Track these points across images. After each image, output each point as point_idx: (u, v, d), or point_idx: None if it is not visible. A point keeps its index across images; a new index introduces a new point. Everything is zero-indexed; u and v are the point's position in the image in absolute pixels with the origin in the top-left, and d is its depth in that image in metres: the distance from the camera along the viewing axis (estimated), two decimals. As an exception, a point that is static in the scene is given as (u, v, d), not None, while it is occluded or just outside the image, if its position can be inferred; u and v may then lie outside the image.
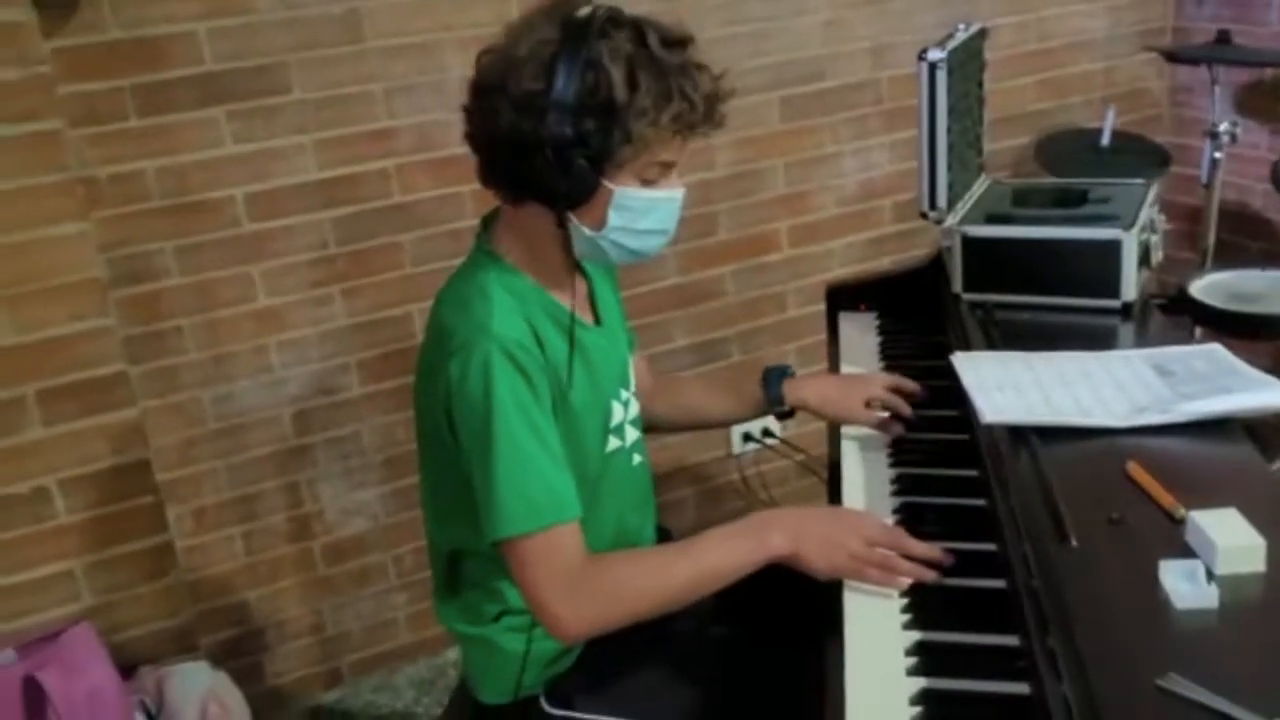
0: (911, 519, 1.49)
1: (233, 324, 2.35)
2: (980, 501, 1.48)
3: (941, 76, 1.72)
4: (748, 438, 2.89)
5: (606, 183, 1.37)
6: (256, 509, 2.47)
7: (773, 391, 1.76)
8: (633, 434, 1.62)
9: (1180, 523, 1.19)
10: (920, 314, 2.06)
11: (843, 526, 1.40)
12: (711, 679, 1.56)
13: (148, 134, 2.19)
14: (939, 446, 1.65)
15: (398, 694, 2.61)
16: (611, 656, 1.55)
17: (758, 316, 2.92)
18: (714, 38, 2.62)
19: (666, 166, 1.42)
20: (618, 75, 1.33)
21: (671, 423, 1.84)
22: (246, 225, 2.32)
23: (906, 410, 1.71)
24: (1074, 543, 1.17)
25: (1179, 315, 1.91)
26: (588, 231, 1.41)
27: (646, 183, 1.41)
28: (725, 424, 1.98)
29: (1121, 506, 1.24)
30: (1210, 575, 1.11)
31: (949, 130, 1.77)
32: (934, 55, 1.72)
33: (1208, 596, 1.07)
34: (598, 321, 1.58)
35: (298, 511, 2.50)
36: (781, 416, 1.78)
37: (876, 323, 2.13)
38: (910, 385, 1.74)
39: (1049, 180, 2.62)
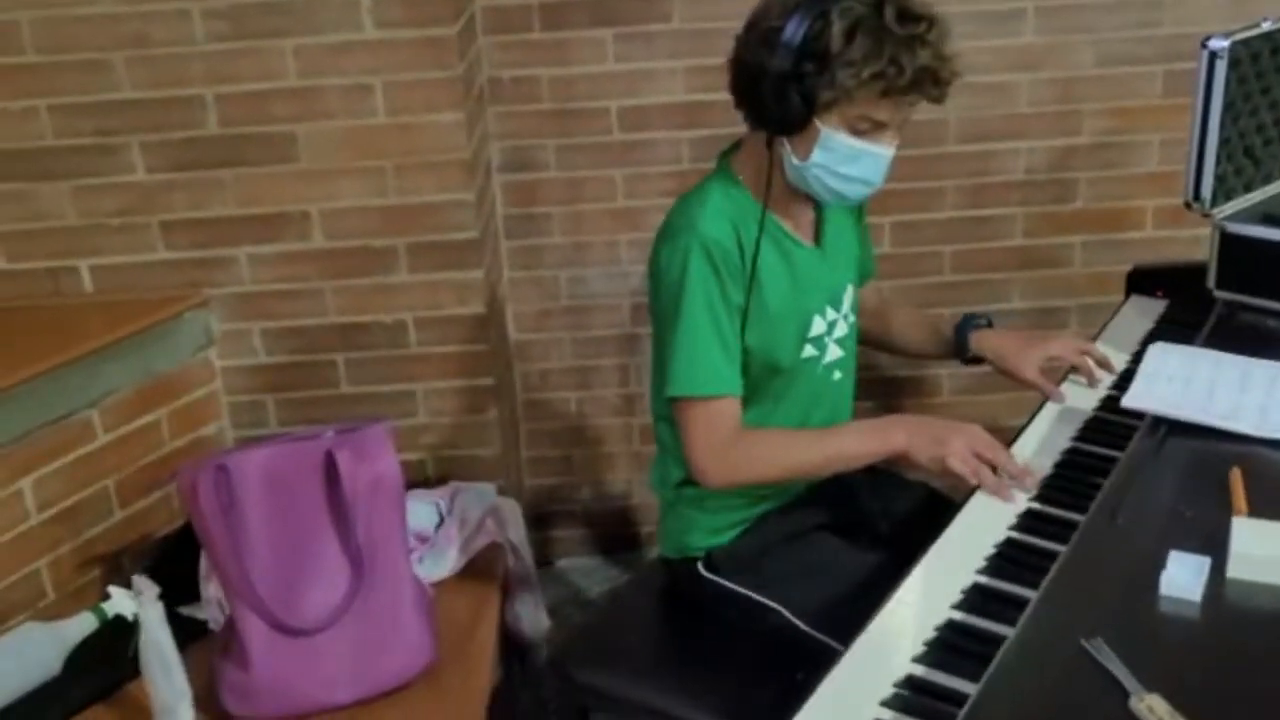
0: (1051, 486, 1.56)
1: (593, 218, 2.71)
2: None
3: (1221, 67, 1.70)
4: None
5: (817, 122, 1.57)
6: (591, 380, 2.85)
7: (960, 337, 1.92)
8: (835, 351, 1.80)
9: (1235, 527, 1.21)
10: (1207, 307, 2.01)
11: (952, 431, 1.57)
12: (851, 591, 1.72)
13: (546, 46, 2.58)
14: (1126, 430, 1.67)
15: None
16: (766, 544, 1.77)
17: (1105, 292, 2.85)
18: (1100, 3, 2.61)
19: (878, 125, 1.58)
20: (838, 28, 1.51)
21: (877, 343, 2.07)
22: (616, 134, 2.65)
23: (1094, 373, 1.78)
24: (1119, 522, 1.23)
25: None
26: (795, 160, 1.61)
27: (857, 133, 1.57)
28: (919, 357, 2.17)
29: (1199, 505, 1.27)
30: (1220, 576, 1.14)
31: (1226, 123, 1.73)
32: (1216, 44, 1.70)
33: (1192, 590, 1.11)
34: (817, 244, 1.77)
35: (625, 390, 2.85)
36: (967, 362, 1.94)
37: (1161, 310, 2.10)
38: (1099, 354, 1.78)
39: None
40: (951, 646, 1.25)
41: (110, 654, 1.93)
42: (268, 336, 2.37)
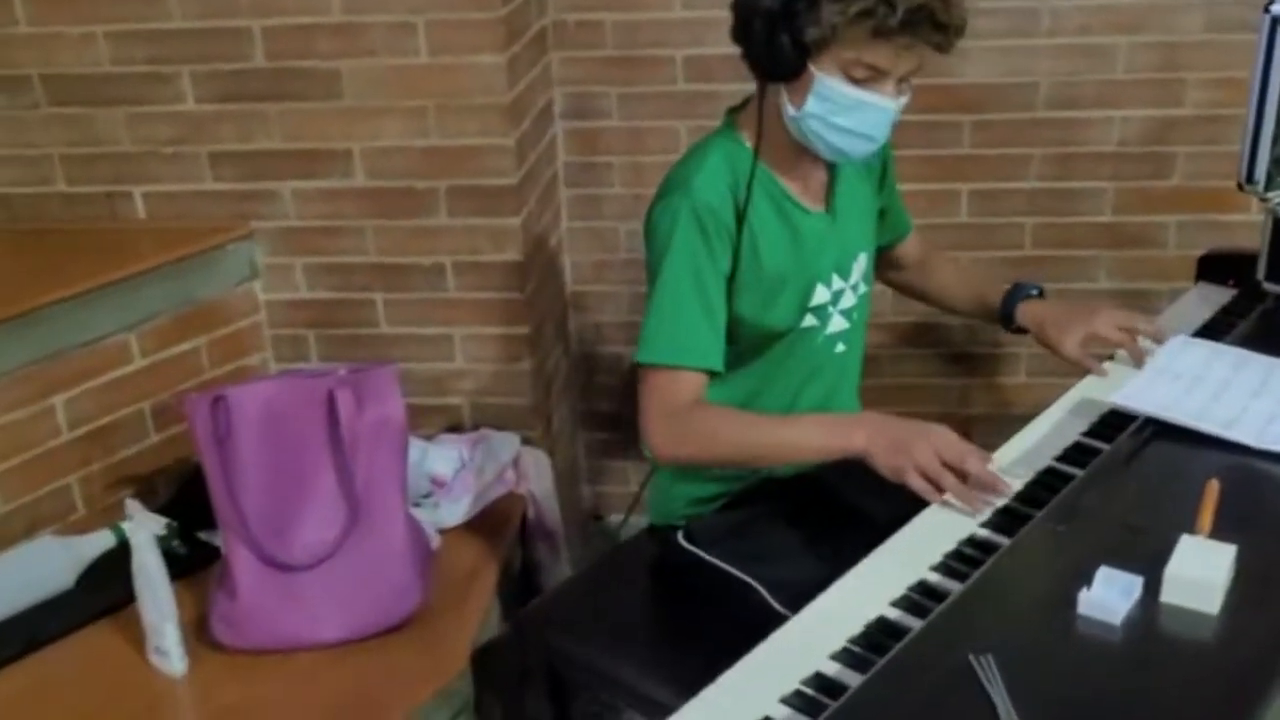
0: (1039, 484, 1.44)
1: (654, 170, 2.58)
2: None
3: (1284, 34, 1.53)
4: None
5: (811, 67, 1.47)
6: (646, 336, 2.78)
7: (1007, 306, 1.81)
8: (839, 322, 1.71)
9: (1187, 545, 1.09)
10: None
11: (917, 436, 1.43)
12: (833, 576, 1.63)
13: (613, -11, 2.51)
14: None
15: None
16: (749, 518, 1.71)
17: (1200, 276, 2.67)
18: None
19: (876, 72, 1.47)
20: None
21: (919, 295, 1.98)
22: (681, 84, 2.57)
23: (1135, 350, 1.66)
24: (1061, 528, 1.13)
25: None
26: (790, 110, 1.52)
27: (855, 81, 1.47)
28: (966, 316, 2.02)
29: (1159, 518, 1.15)
30: (1153, 598, 1.03)
31: (1288, 96, 1.56)
32: (1279, 8, 1.53)
33: (1113, 611, 1.00)
34: (827, 209, 1.68)
35: (680, 347, 2.78)
36: (1012, 331, 1.83)
37: (1226, 301, 1.93)
38: (1145, 326, 1.65)
39: None
40: (874, 646, 1.16)
41: (123, 572, 1.97)
42: (310, 272, 2.38)
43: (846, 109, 1.49)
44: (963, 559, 1.29)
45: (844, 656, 1.15)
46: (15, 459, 2.06)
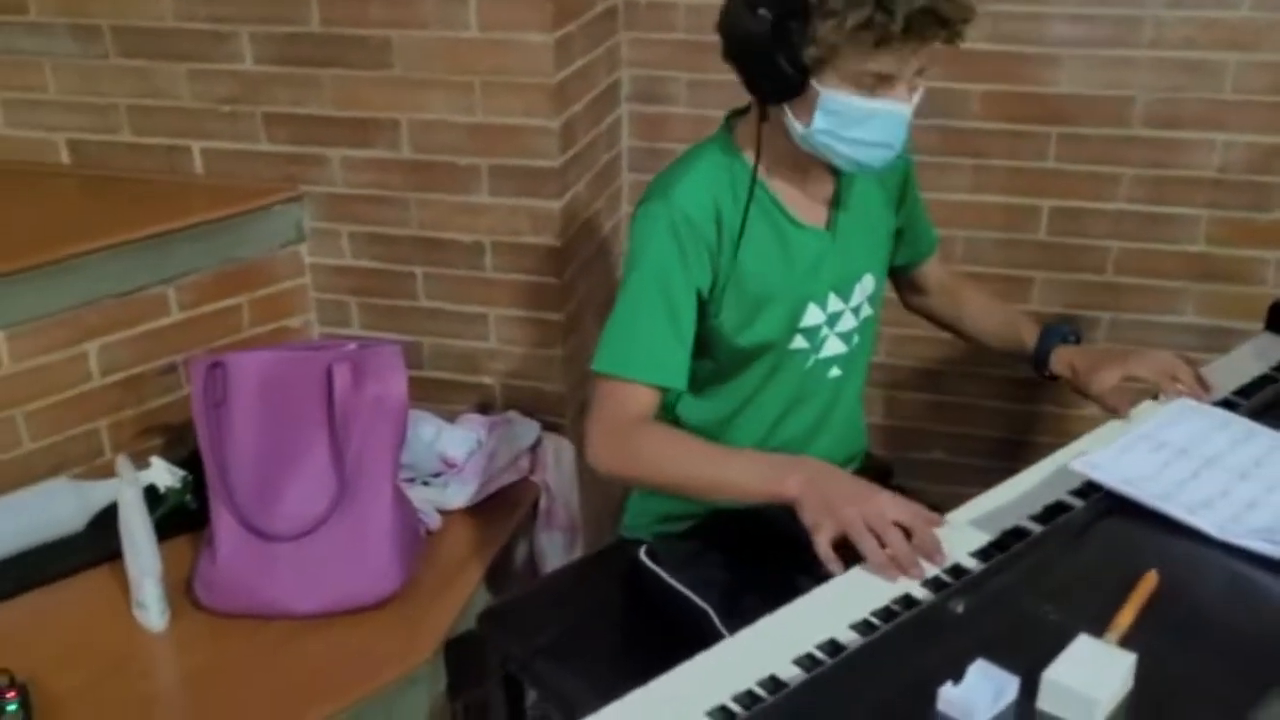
0: (997, 544, 1.32)
1: (718, 160, 2.54)
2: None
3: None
4: None
5: (814, 83, 1.38)
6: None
7: (1041, 350, 1.69)
8: (834, 345, 1.62)
9: (1091, 646, 0.98)
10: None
11: (851, 499, 1.32)
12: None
13: (686, -31, 2.43)
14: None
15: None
16: (713, 543, 1.63)
17: (1299, 320, 2.45)
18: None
19: (883, 78, 1.39)
20: None
21: (946, 324, 1.87)
22: (751, 74, 2.48)
23: (1186, 390, 1.53)
24: (958, 609, 1.03)
25: None
26: (798, 127, 1.44)
27: (863, 91, 1.38)
28: (994, 353, 1.87)
29: (1080, 608, 1.04)
30: (1029, 704, 0.92)
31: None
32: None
33: (975, 714, 0.91)
34: (828, 227, 1.58)
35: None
36: (1045, 378, 1.71)
37: (1284, 357, 1.76)
38: (1191, 379, 1.52)
39: None
40: (753, 700, 1.09)
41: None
42: (355, 239, 2.38)
43: (858, 121, 1.40)
44: (889, 617, 1.20)
45: (718, 713, 1.08)
46: (44, 400, 2.11)
